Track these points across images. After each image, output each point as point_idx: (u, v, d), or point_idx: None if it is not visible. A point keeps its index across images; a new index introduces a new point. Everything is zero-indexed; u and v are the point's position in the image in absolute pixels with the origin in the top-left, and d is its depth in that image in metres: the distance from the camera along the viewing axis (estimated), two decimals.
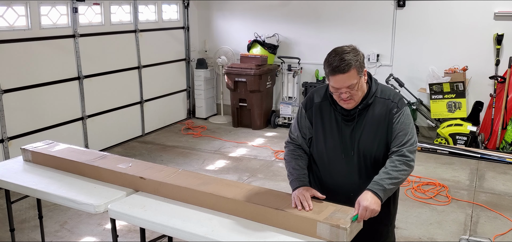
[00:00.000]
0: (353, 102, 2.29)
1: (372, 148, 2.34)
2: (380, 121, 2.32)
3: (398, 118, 2.30)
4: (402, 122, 2.30)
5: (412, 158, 2.30)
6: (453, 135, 6.23)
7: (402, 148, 2.28)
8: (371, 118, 2.33)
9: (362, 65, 2.26)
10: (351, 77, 2.21)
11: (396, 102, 2.33)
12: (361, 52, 2.29)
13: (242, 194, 2.44)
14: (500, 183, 5.17)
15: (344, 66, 2.19)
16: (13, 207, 3.27)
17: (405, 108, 2.34)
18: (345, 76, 2.20)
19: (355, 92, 2.26)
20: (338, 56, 2.20)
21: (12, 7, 5.16)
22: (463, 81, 6.25)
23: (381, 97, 2.35)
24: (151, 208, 2.50)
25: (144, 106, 7.13)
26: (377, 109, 2.33)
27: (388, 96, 2.36)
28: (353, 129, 2.34)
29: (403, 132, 2.30)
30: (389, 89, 2.42)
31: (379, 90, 2.37)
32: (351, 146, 2.36)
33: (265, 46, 7.53)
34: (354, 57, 2.21)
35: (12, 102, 5.19)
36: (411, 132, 2.32)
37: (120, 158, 3.04)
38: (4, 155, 5.11)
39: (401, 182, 2.30)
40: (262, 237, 2.21)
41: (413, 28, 6.81)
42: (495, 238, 3.96)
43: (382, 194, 2.21)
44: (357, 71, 2.22)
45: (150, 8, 7.20)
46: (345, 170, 2.39)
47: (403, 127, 2.30)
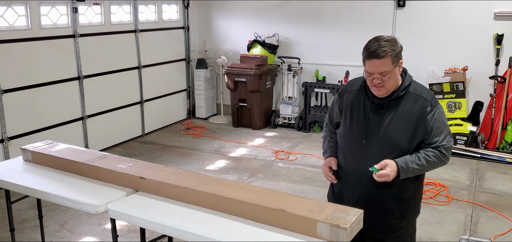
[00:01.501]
0: (384, 89, 2.35)
1: (396, 139, 2.37)
2: (411, 116, 2.36)
3: (432, 116, 2.35)
4: (437, 120, 2.36)
5: (447, 155, 2.39)
6: (453, 135, 6.23)
7: (439, 145, 2.36)
8: (402, 111, 2.37)
9: (398, 56, 2.33)
10: (385, 64, 2.28)
11: (429, 100, 2.37)
12: (400, 44, 2.37)
13: (242, 194, 2.44)
14: (500, 183, 5.17)
15: (380, 52, 2.27)
16: (13, 207, 3.27)
17: (439, 106, 2.39)
18: (380, 62, 2.28)
19: (387, 80, 2.31)
20: (377, 43, 2.30)
21: (12, 7, 5.16)
22: (463, 81, 6.25)
23: (414, 93, 2.39)
24: (151, 208, 2.50)
25: (144, 106, 7.13)
26: (408, 103, 2.37)
27: (421, 93, 2.40)
28: (381, 119, 2.39)
29: (439, 130, 2.36)
30: (422, 87, 2.46)
31: (412, 86, 2.41)
32: (375, 134, 2.40)
33: (265, 46, 7.53)
34: (391, 46, 2.30)
35: (12, 102, 5.19)
36: (447, 130, 2.39)
37: (120, 158, 3.04)
38: (4, 155, 5.11)
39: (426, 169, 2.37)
40: (262, 237, 2.21)
41: (413, 28, 6.81)
42: (495, 238, 3.96)
43: (402, 169, 2.32)
44: (392, 60, 2.29)
45: (150, 8, 7.20)
46: (364, 156, 2.42)
47: (439, 125, 2.36)
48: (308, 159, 6.01)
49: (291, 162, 5.95)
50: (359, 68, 7.22)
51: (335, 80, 7.25)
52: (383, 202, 2.45)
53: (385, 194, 2.44)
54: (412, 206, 2.52)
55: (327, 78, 7.39)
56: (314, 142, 6.75)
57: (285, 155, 6.18)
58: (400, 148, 2.37)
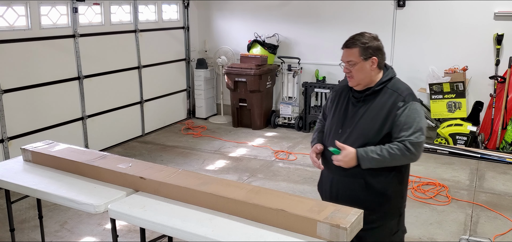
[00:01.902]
0: (353, 80, 2.51)
1: (365, 130, 2.48)
2: (383, 109, 2.45)
3: (402, 111, 2.41)
4: (407, 115, 2.41)
5: (413, 150, 2.38)
6: (453, 135, 6.23)
7: (405, 139, 2.38)
8: (376, 105, 2.48)
9: (369, 51, 2.46)
10: (351, 54, 2.47)
11: (403, 96, 2.45)
12: (378, 43, 2.53)
13: (242, 194, 2.44)
14: (500, 183, 5.17)
15: (349, 43, 2.49)
16: (13, 207, 3.27)
17: (412, 102, 2.44)
18: (347, 51, 2.49)
19: (355, 71, 2.48)
20: (354, 35, 2.51)
21: (12, 7, 5.16)
22: (463, 81, 6.25)
23: (391, 89, 2.49)
24: (151, 208, 2.50)
25: (144, 106, 7.13)
26: (383, 98, 2.48)
27: (397, 89, 2.49)
28: (357, 111, 2.52)
29: (408, 125, 2.40)
30: (403, 85, 2.55)
31: (391, 82, 2.52)
32: (349, 125, 2.53)
33: (265, 46, 7.53)
34: (363, 40, 2.47)
35: (12, 102, 5.19)
36: (417, 126, 2.40)
37: (120, 158, 3.04)
38: (4, 155, 5.11)
39: (389, 162, 2.40)
40: (262, 237, 2.21)
41: (413, 28, 6.81)
42: (495, 238, 3.96)
43: (361, 157, 2.41)
44: (360, 52, 2.46)
45: (150, 8, 7.20)
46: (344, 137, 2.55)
47: (407, 121, 2.40)
48: (308, 159, 5.98)
49: (291, 162, 5.95)
50: None
51: (335, 80, 7.25)
52: (352, 190, 2.53)
53: (353, 183, 2.52)
54: (385, 200, 2.53)
55: (327, 78, 7.40)
56: None
57: (285, 155, 6.18)
58: (367, 139, 2.46)
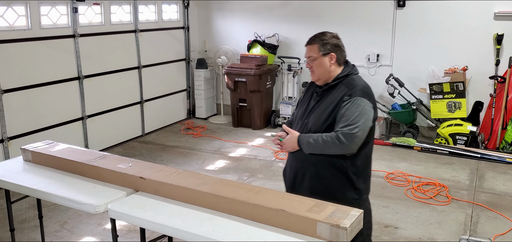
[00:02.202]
0: (314, 75, 2.72)
1: (317, 121, 2.65)
2: (332, 102, 2.62)
3: (345, 105, 2.56)
4: (347, 109, 2.54)
5: (345, 141, 2.50)
6: (453, 135, 6.23)
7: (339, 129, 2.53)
8: (329, 99, 2.65)
9: (328, 48, 2.65)
10: (311, 50, 2.68)
11: (351, 91, 2.58)
12: (337, 41, 2.70)
13: (242, 194, 2.44)
14: (500, 183, 5.17)
15: (310, 40, 2.71)
16: (13, 207, 3.27)
17: (357, 98, 2.55)
18: (308, 47, 2.71)
19: (315, 67, 2.68)
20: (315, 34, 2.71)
21: (12, 7, 5.16)
22: (463, 81, 6.25)
23: (344, 85, 2.63)
24: (151, 208, 2.50)
25: (144, 106, 7.13)
26: (336, 93, 2.64)
27: (350, 86, 2.61)
28: (315, 104, 2.71)
29: (345, 117, 2.54)
30: (358, 82, 2.65)
31: (348, 79, 2.65)
32: (307, 116, 2.72)
33: (265, 46, 7.53)
34: (322, 37, 2.67)
35: (12, 102, 5.19)
36: (355, 120, 2.51)
37: (120, 158, 3.04)
38: (4, 155, 5.11)
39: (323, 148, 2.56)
40: (262, 237, 2.21)
41: (413, 28, 6.81)
42: (495, 238, 3.96)
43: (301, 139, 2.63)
44: (319, 48, 2.66)
45: (150, 8, 7.20)
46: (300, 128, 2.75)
47: (346, 114, 2.54)
48: None
49: None
50: (359, 67, 7.19)
51: None
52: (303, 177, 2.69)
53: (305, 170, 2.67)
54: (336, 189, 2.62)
55: None
56: None
57: (285, 155, 6.17)
58: (313, 130, 2.65)
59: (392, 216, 4.41)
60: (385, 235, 4.04)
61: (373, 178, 5.33)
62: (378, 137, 6.78)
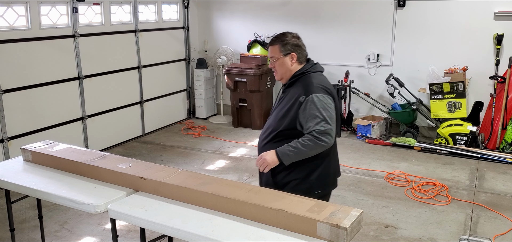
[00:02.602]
0: (277, 74, 2.83)
1: (275, 119, 2.79)
2: (289, 102, 2.72)
3: (304, 105, 2.65)
4: (307, 108, 2.63)
5: (322, 138, 2.59)
6: (453, 135, 6.23)
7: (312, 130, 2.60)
8: (288, 96, 2.76)
9: (289, 48, 2.75)
10: (273, 50, 2.79)
11: (306, 91, 2.66)
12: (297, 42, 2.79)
13: (242, 194, 2.44)
14: (500, 183, 5.17)
15: (271, 41, 2.82)
16: (13, 207, 3.27)
17: (312, 96, 2.63)
18: (270, 48, 2.82)
19: (277, 66, 2.79)
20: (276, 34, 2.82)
21: (12, 7, 5.17)
22: (463, 81, 6.25)
23: (301, 83, 2.73)
24: (151, 208, 2.50)
25: (144, 106, 7.13)
26: (294, 91, 2.74)
27: (305, 84, 2.70)
28: (279, 103, 2.84)
29: (311, 116, 2.62)
30: (311, 80, 2.72)
31: (305, 77, 2.74)
32: (270, 115, 2.88)
33: (265, 46, 7.53)
34: (284, 38, 2.77)
35: (12, 102, 5.19)
36: (321, 116, 2.61)
37: (120, 158, 3.04)
38: (4, 155, 5.11)
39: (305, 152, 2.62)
40: (262, 237, 2.21)
41: (413, 28, 6.81)
42: (495, 238, 3.96)
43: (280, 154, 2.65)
44: (280, 49, 2.76)
45: (150, 8, 7.20)
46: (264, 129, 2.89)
47: (309, 113, 2.63)
48: None
49: None
50: (359, 67, 7.23)
51: (335, 80, 7.25)
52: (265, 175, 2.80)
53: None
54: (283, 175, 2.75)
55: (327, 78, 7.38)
56: None
57: None
58: (272, 126, 2.78)
59: (392, 216, 4.41)
60: (385, 235, 4.04)
61: (373, 178, 5.36)
62: (378, 137, 6.78)
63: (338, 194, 4.84)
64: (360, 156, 6.10)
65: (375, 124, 6.80)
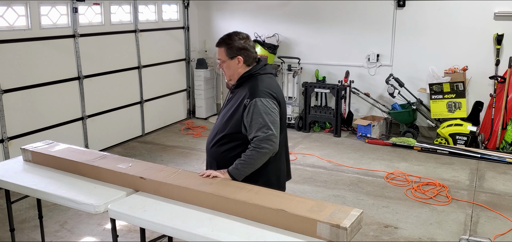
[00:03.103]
0: (226, 76, 2.81)
1: (220, 121, 2.80)
2: (235, 103, 2.72)
3: (247, 108, 2.63)
4: (250, 112, 2.62)
5: (264, 145, 2.58)
6: (453, 135, 6.23)
7: (254, 138, 2.60)
8: (235, 98, 2.75)
9: (235, 51, 2.70)
10: (220, 53, 2.75)
11: (250, 94, 2.64)
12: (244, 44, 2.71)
13: (242, 194, 2.44)
14: (500, 183, 5.17)
15: (218, 42, 2.76)
16: (13, 207, 3.27)
17: (256, 99, 2.61)
18: (217, 50, 2.78)
19: (225, 68, 2.76)
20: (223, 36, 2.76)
21: (12, 7, 5.16)
22: (463, 81, 6.25)
23: (247, 86, 2.70)
24: (151, 208, 2.50)
25: (144, 106, 7.13)
26: (239, 93, 2.72)
27: (250, 87, 2.67)
28: (227, 103, 2.84)
29: (253, 122, 2.61)
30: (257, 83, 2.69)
31: (253, 79, 2.71)
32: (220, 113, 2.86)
33: (265, 46, 7.52)
34: (229, 41, 2.71)
35: (12, 102, 5.19)
36: (262, 122, 2.59)
37: (120, 158, 3.04)
38: (4, 155, 5.11)
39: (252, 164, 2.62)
40: (262, 237, 2.21)
41: (413, 28, 6.81)
42: (495, 238, 3.96)
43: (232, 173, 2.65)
44: (226, 51, 2.72)
45: (150, 8, 7.20)
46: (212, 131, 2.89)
47: (252, 118, 2.61)
48: (308, 159, 6.01)
49: (291, 162, 5.92)
50: (359, 67, 7.23)
51: (335, 80, 7.25)
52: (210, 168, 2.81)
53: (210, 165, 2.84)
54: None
55: (327, 78, 7.40)
56: (314, 142, 6.75)
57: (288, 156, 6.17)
58: (218, 129, 2.78)
59: (392, 216, 4.41)
60: (385, 235, 4.04)
61: (373, 178, 5.36)
62: (378, 137, 6.78)
63: (338, 194, 4.85)
64: (360, 156, 6.10)
65: (375, 124, 6.80)
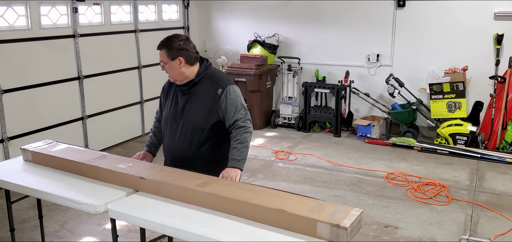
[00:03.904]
0: (170, 77, 2.89)
1: (194, 119, 2.84)
2: (207, 98, 2.83)
3: (224, 97, 2.81)
4: (228, 100, 2.81)
5: (247, 125, 2.84)
6: (453, 135, 6.23)
7: (237, 121, 2.80)
8: (199, 94, 2.86)
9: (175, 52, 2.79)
10: (161, 55, 2.83)
11: (220, 84, 2.83)
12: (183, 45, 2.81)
13: (242, 194, 2.44)
14: (500, 183, 5.17)
15: (159, 45, 2.84)
16: (13, 207, 3.27)
17: (229, 87, 2.83)
18: (159, 52, 2.84)
19: (168, 70, 2.84)
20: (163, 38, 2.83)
21: (12, 7, 5.16)
22: (463, 81, 6.25)
23: (210, 79, 2.87)
24: (151, 208, 2.50)
25: (144, 106, 7.13)
26: (204, 87, 2.85)
27: (215, 78, 2.87)
28: (185, 102, 2.88)
29: (233, 107, 2.81)
30: (221, 74, 2.94)
31: (209, 73, 2.89)
32: (180, 116, 2.89)
33: (265, 46, 7.53)
34: (169, 44, 2.80)
35: (12, 102, 5.19)
36: (239, 106, 2.83)
37: (120, 158, 3.04)
38: (4, 155, 5.11)
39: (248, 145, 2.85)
40: (262, 237, 2.21)
41: (413, 28, 6.81)
42: (495, 238, 3.96)
43: (238, 165, 2.80)
44: (167, 53, 2.80)
45: (150, 8, 7.20)
46: (174, 134, 2.92)
47: (231, 103, 2.81)
48: (308, 159, 6.01)
49: (291, 162, 5.95)
50: (359, 67, 7.23)
51: (335, 80, 7.25)
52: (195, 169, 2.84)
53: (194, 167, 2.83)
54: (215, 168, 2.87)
55: (327, 78, 7.40)
56: (314, 142, 6.75)
57: (285, 155, 6.18)
58: (198, 126, 2.84)
59: (392, 216, 4.41)
60: (385, 235, 4.05)
61: (373, 178, 5.37)
62: (378, 137, 6.78)
63: (338, 194, 4.85)
64: (360, 156, 6.10)
65: (375, 124, 6.80)
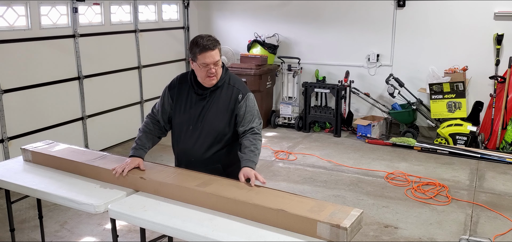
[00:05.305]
0: (215, 78, 2.77)
1: (215, 124, 2.80)
2: (227, 104, 2.80)
3: (243, 104, 2.80)
4: (247, 106, 2.81)
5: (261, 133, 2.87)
6: (453, 135, 6.23)
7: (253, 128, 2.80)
8: (219, 99, 2.81)
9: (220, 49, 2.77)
10: (217, 54, 2.73)
11: (240, 89, 2.83)
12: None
13: (242, 194, 2.44)
14: (500, 183, 5.17)
15: (211, 45, 2.70)
16: (13, 207, 3.27)
17: (249, 94, 2.85)
18: (214, 52, 2.70)
19: (219, 69, 2.77)
20: (206, 37, 2.71)
21: (12, 7, 5.16)
22: (463, 81, 6.25)
23: (230, 84, 2.83)
24: (151, 208, 2.50)
25: (144, 106, 7.12)
26: (224, 92, 2.81)
27: (235, 83, 2.85)
28: (204, 107, 2.81)
29: (249, 114, 2.81)
30: (238, 80, 2.92)
31: (228, 78, 2.85)
32: (199, 120, 2.81)
33: (265, 46, 7.53)
34: (216, 40, 2.74)
35: (12, 102, 5.19)
36: (257, 114, 2.87)
37: (120, 158, 3.04)
38: (4, 155, 5.11)
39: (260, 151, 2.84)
40: (262, 237, 2.21)
41: (413, 28, 6.81)
42: (495, 238, 3.96)
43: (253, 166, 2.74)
44: (219, 50, 2.75)
45: (150, 8, 7.20)
46: (192, 140, 2.84)
47: (249, 110, 2.82)
48: (308, 159, 6.01)
49: (291, 162, 5.95)
50: (359, 67, 7.23)
51: (335, 80, 7.25)
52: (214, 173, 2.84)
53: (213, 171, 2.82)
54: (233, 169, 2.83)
55: (327, 78, 7.40)
56: (314, 142, 6.75)
57: (285, 155, 6.18)
58: (219, 132, 2.80)
59: (392, 216, 4.41)
60: (385, 235, 4.04)
61: (373, 178, 5.37)
62: (378, 137, 6.78)
63: (338, 194, 4.85)
64: (360, 156, 6.10)
65: (375, 124, 6.80)
